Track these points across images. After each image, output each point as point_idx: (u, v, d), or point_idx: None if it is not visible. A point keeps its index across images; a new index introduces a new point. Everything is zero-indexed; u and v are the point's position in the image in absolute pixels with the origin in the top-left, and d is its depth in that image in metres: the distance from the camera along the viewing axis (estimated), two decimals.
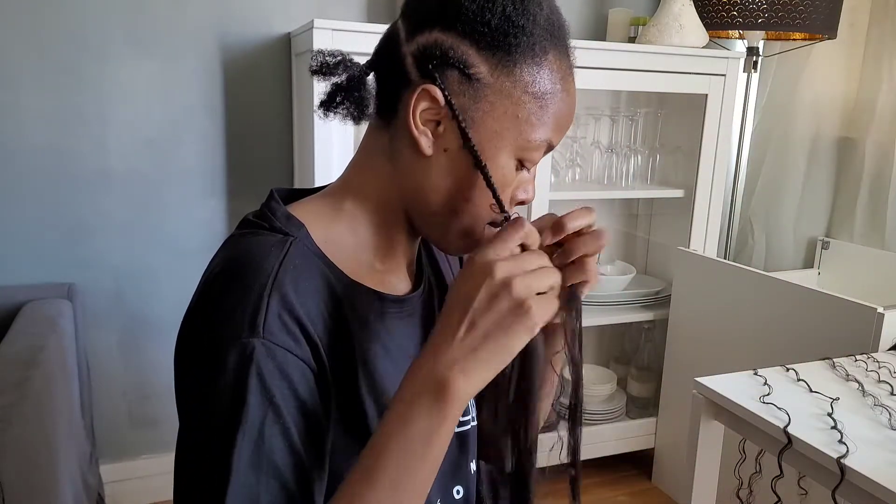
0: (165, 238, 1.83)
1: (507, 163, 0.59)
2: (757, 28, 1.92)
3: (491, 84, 0.56)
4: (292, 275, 0.56)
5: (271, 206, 0.62)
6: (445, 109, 0.57)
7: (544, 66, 0.57)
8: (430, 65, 0.56)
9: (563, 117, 0.60)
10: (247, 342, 0.51)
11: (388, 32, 0.62)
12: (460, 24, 0.56)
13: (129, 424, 1.88)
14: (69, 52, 1.67)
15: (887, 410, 1.03)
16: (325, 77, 0.63)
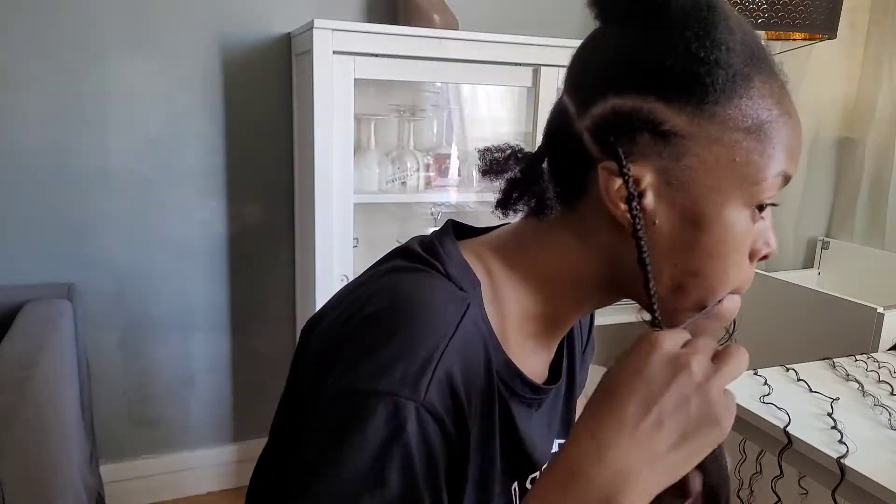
0: (165, 238, 1.83)
1: (738, 217, 0.50)
2: (757, 28, 1.91)
3: (693, 135, 0.49)
4: (463, 345, 0.50)
5: (445, 245, 0.56)
6: (647, 179, 0.50)
7: (751, 96, 0.49)
8: (610, 137, 0.49)
9: (792, 142, 0.51)
10: (404, 403, 0.45)
11: (556, 111, 0.55)
12: (637, 81, 0.49)
13: (128, 424, 1.88)
14: (69, 52, 1.67)
15: (887, 410, 1.03)
16: (497, 176, 0.57)
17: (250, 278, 1.92)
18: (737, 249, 0.51)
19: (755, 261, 0.54)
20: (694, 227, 0.50)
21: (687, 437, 0.41)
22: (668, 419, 0.41)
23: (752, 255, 0.53)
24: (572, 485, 0.41)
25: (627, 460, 0.40)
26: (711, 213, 0.50)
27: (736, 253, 0.51)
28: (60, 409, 1.35)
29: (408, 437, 0.45)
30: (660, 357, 0.43)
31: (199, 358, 1.91)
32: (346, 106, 1.58)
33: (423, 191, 1.84)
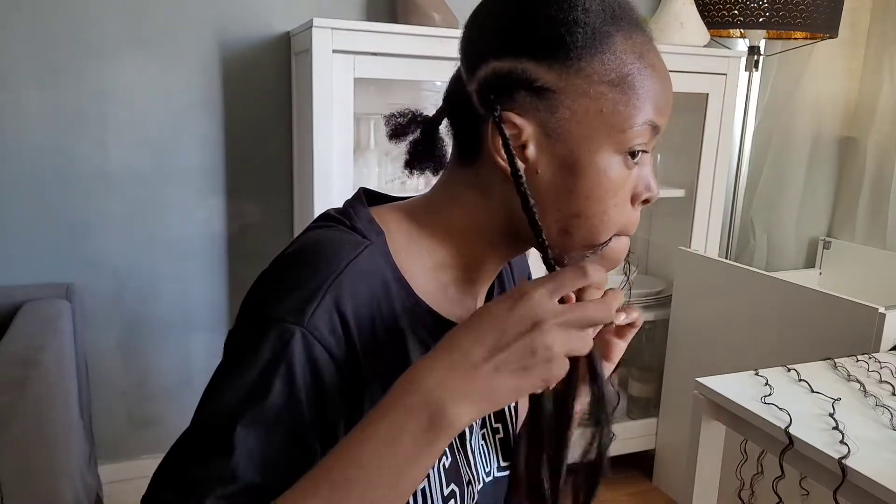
0: (165, 238, 1.82)
1: (610, 162, 0.56)
2: (758, 27, 1.91)
3: (563, 88, 0.54)
4: (355, 279, 0.55)
5: (356, 206, 0.62)
6: (528, 131, 0.55)
7: (613, 51, 0.54)
8: (492, 95, 0.55)
9: (656, 93, 0.56)
10: (289, 327, 0.52)
11: (453, 77, 0.62)
12: (512, 44, 0.55)
13: (127, 425, 1.88)
14: (69, 52, 1.67)
15: (889, 411, 1.03)
16: (402, 138, 0.64)
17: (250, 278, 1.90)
18: (613, 192, 0.56)
19: (637, 204, 0.60)
20: (571, 173, 0.55)
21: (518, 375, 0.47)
22: (506, 359, 0.47)
23: (634, 198, 0.59)
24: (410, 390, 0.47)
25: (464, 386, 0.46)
26: (585, 160, 0.55)
27: (613, 196, 0.56)
28: (59, 410, 1.34)
29: (292, 358, 0.51)
30: (520, 302, 0.48)
31: (198, 358, 1.91)
32: (346, 105, 1.58)
33: (423, 190, 1.83)
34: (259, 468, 0.49)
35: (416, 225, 0.63)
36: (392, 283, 0.59)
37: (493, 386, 0.47)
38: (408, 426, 0.46)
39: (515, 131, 0.55)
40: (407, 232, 0.62)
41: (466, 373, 0.47)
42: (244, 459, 0.49)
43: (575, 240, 0.58)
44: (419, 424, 0.46)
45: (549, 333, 0.47)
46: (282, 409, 0.51)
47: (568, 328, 0.48)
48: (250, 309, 0.56)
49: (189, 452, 0.52)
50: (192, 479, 0.49)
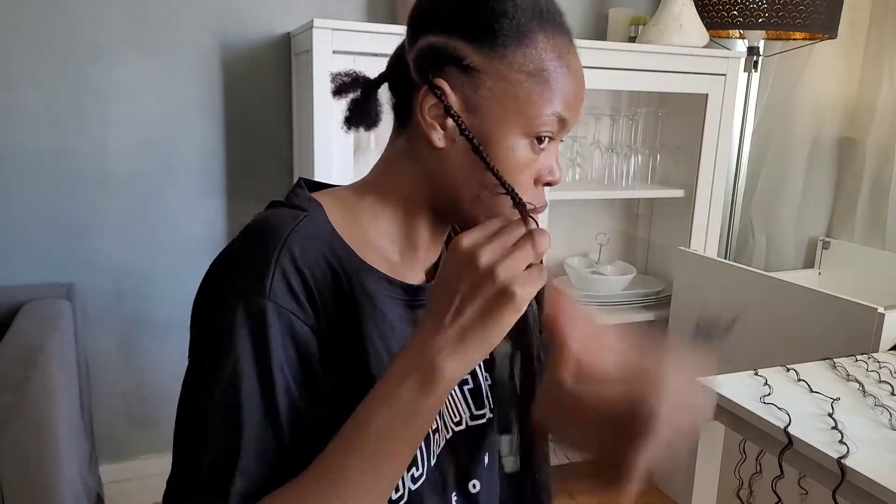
0: (165, 238, 1.83)
1: (518, 143, 0.61)
2: (757, 28, 1.91)
3: (486, 70, 0.59)
4: (301, 244, 0.58)
5: (295, 190, 0.66)
6: (452, 101, 0.60)
7: (534, 46, 0.60)
8: (426, 65, 0.60)
9: (567, 90, 0.61)
10: (253, 301, 0.55)
11: (398, 46, 0.67)
12: (449, 23, 0.60)
13: (128, 425, 1.88)
14: (69, 52, 1.67)
15: (888, 411, 1.03)
16: (344, 96, 0.67)
17: None
18: (519, 171, 0.62)
19: (540, 185, 0.65)
20: (484, 147, 0.60)
21: (484, 316, 0.50)
22: (466, 306, 0.50)
23: (538, 180, 0.64)
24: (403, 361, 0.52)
25: (441, 343, 0.50)
26: (497, 137, 0.60)
27: (518, 174, 0.62)
28: (60, 410, 1.35)
29: (263, 329, 0.54)
30: (456, 256, 0.51)
31: None
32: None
33: None
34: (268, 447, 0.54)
35: (355, 198, 0.68)
36: (337, 248, 0.62)
37: (470, 336, 0.50)
38: (404, 386, 0.51)
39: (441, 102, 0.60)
40: (346, 205, 0.67)
41: (442, 331, 0.51)
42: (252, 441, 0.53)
43: (484, 208, 0.63)
44: (414, 381, 0.51)
45: (484, 259, 0.50)
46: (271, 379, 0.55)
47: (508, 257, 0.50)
48: (211, 295, 0.59)
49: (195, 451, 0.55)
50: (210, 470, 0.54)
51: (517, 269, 0.50)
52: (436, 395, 0.51)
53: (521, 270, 0.50)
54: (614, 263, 2.20)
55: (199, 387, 0.57)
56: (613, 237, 2.29)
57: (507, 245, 0.51)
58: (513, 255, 0.50)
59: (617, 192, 2.05)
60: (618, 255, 2.29)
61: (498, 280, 0.49)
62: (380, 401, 0.52)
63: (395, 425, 0.51)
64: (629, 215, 2.33)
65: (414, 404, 0.51)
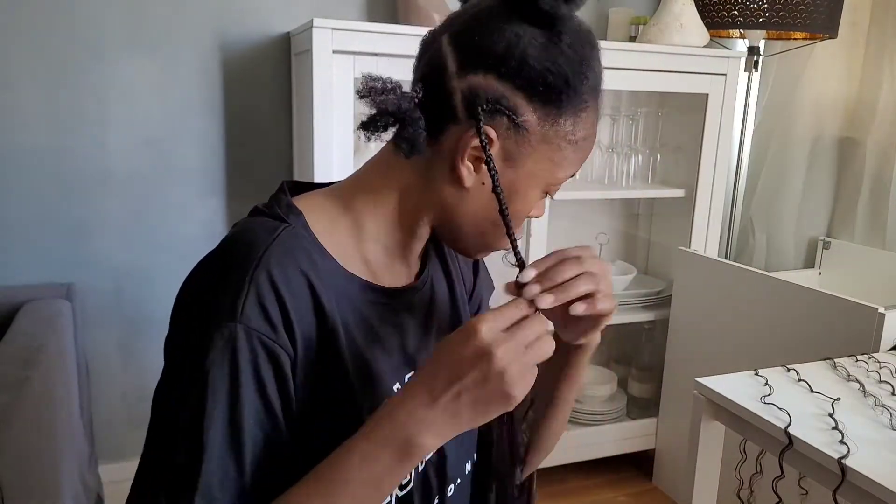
0: (165, 238, 1.82)
1: (535, 195, 0.64)
2: (758, 27, 1.91)
3: (537, 132, 0.60)
4: (278, 259, 0.58)
5: (277, 196, 0.66)
6: (495, 150, 0.60)
7: (584, 118, 0.62)
8: (480, 108, 0.59)
9: (587, 154, 0.65)
10: (224, 325, 0.54)
11: (434, 58, 0.62)
12: (519, 77, 0.58)
13: (128, 425, 1.88)
14: (69, 52, 1.67)
15: (888, 411, 1.03)
16: (372, 103, 0.62)
17: None
18: (524, 215, 0.66)
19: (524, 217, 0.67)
20: (507, 195, 0.62)
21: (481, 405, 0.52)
22: (465, 393, 0.52)
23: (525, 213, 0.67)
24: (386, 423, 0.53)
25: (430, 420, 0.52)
26: (523, 190, 0.63)
27: (522, 218, 0.66)
28: (59, 410, 1.34)
29: (234, 354, 0.54)
30: (472, 343, 0.52)
31: None
32: (346, 105, 1.58)
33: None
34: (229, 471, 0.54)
35: (341, 201, 0.67)
36: (317, 257, 0.62)
37: (456, 416, 0.53)
38: (383, 453, 0.53)
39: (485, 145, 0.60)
40: (331, 209, 0.66)
41: (429, 406, 0.52)
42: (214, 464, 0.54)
43: (483, 241, 0.67)
44: (392, 451, 0.53)
45: (499, 361, 0.51)
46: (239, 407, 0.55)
47: (520, 357, 0.52)
48: (186, 314, 0.59)
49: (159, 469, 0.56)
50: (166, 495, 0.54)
51: (523, 376, 0.52)
52: (411, 465, 0.54)
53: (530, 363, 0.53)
54: (614, 263, 2.20)
55: (169, 403, 0.58)
56: (613, 237, 2.29)
57: (522, 344, 0.53)
58: (524, 359, 0.53)
59: (617, 192, 2.05)
60: (618, 255, 2.29)
61: (504, 381, 0.51)
62: (357, 459, 0.53)
63: (367, 486, 0.53)
64: (629, 215, 2.33)
65: (389, 471, 0.53)
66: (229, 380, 0.54)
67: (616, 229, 2.31)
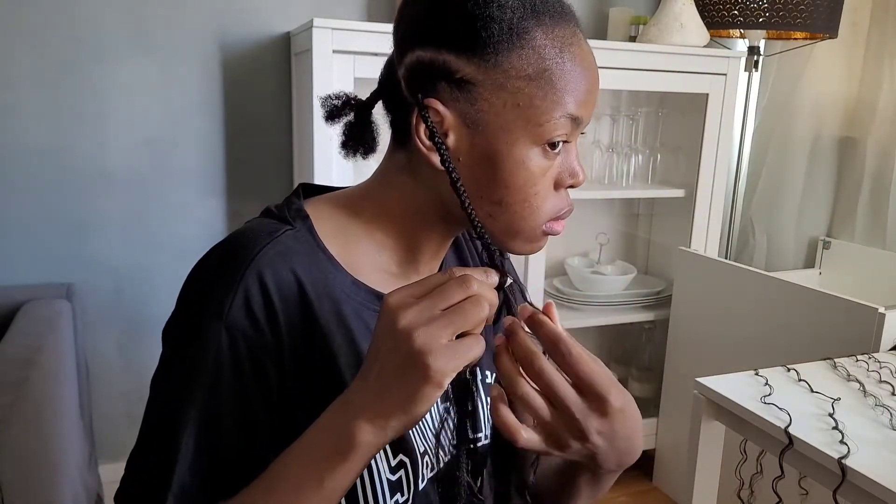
0: (165, 238, 1.82)
1: (528, 153, 0.57)
2: (758, 27, 1.91)
3: (481, 81, 0.55)
4: (273, 261, 0.56)
5: (290, 199, 0.64)
6: (449, 120, 0.56)
7: (531, 45, 0.55)
8: (418, 84, 0.57)
9: (576, 86, 0.56)
10: (209, 324, 0.54)
11: (387, 61, 0.62)
12: (435, 35, 0.56)
13: (128, 425, 1.88)
14: (69, 52, 1.67)
15: (888, 411, 1.03)
16: (337, 120, 0.64)
17: None
18: (532, 181, 0.58)
19: (562, 189, 0.61)
20: (491, 162, 0.57)
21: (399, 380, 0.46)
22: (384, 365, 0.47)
23: (558, 184, 0.60)
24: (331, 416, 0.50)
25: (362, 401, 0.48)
26: (503, 151, 0.56)
27: (532, 185, 0.58)
28: (59, 410, 1.34)
29: (218, 354, 0.53)
30: (382, 312, 0.48)
31: None
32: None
33: None
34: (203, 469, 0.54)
35: (350, 210, 0.65)
36: (323, 262, 0.60)
37: (384, 394, 0.47)
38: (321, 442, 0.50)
39: (438, 119, 0.57)
40: (341, 215, 0.64)
41: (359, 388, 0.49)
42: (187, 464, 0.53)
43: (500, 224, 0.59)
44: (329, 440, 0.49)
45: (405, 324, 0.46)
46: (217, 406, 0.54)
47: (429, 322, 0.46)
48: (179, 310, 0.58)
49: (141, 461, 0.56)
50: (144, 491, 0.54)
51: (437, 339, 0.45)
52: (351, 460, 0.48)
53: (443, 340, 0.46)
54: (614, 263, 2.20)
55: (155, 395, 0.58)
56: (614, 237, 2.29)
57: (436, 310, 0.46)
58: (437, 321, 0.46)
59: (617, 191, 2.04)
60: (618, 255, 2.29)
61: (414, 347, 0.45)
62: (302, 448, 0.50)
63: (309, 482, 0.49)
64: (629, 215, 2.33)
65: (329, 465, 0.48)
66: (210, 378, 0.53)
67: (616, 229, 2.31)
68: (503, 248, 0.62)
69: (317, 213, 0.63)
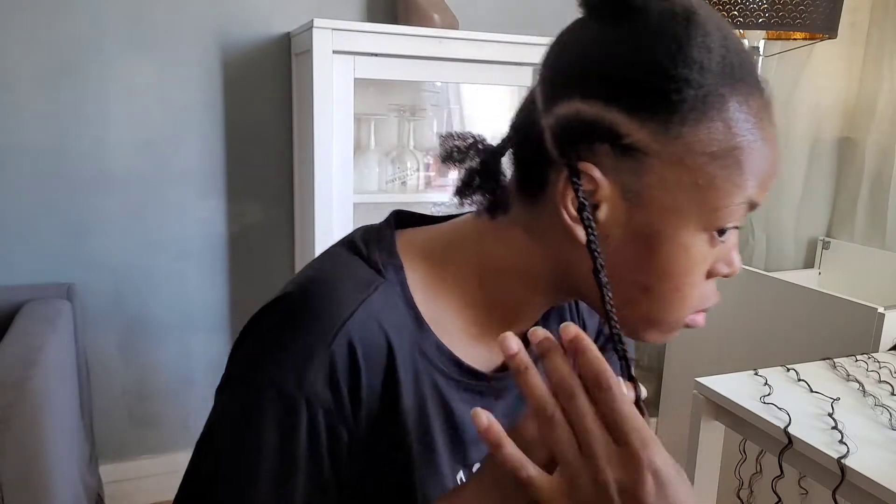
0: (165, 238, 1.83)
1: (695, 240, 0.49)
2: (757, 28, 1.91)
3: (657, 152, 0.46)
4: (365, 325, 0.51)
5: (381, 231, 0.57)
6: (605, 190, 0.48)
7: (723, 117, 0.46)
8: (571, 142, 0.48)
9: (763, 168, 0.48)
10: (288, 392, 0.49)
11: (526, 102, 0.53)
12: (604, 88, 0.46)
13: (128, 424, 1.88)
14: (69, 52, 1.67)
15: (888, 411, 1.03)
16: (457, 165, 0.54)
17: (250, 278, 1.92)
18: (691, 271, 0.50)
19: (713, 276, 0.53)
20: (647, 245, 0.49)
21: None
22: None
23: (711, 273, 0.52)
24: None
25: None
26: (667, 234, 0.48)
27: (690, 274, 0.50)
28: (60, 410, 1.34)
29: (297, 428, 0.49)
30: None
31: (198, 358, 1.91)
32: (346, 105, 1.58)
33: (423, 190, 1.84)
34: None
35: (442, 256, 0.57)
36: (411, 321, 0.54)
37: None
38: None
39: (591, 187, 0.48)
40: (430, 265, 0.56)
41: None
42: None
43: (639, 313, 0.52)
44: None
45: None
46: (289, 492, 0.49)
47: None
48: (245, 365, 0.52)
49: None
50: None
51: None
52: None
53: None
54: None
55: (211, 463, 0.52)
56: None
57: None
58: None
59: None
60: None
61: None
62: None
63: None
64: None
65: None
66: (283, 453, 0.49)
67: None
68: (632, 335, 0.54)
69: (410, 262, 0.56)
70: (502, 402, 0.59)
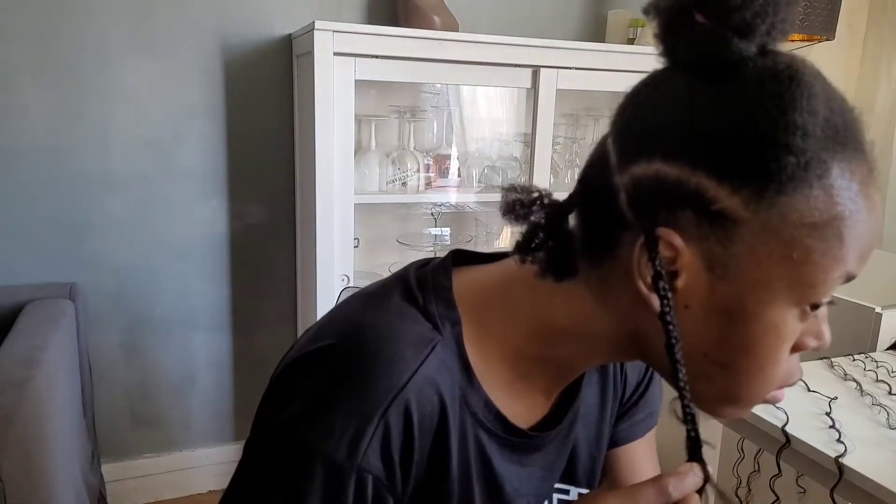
0: (167, 238, 1.83)
1: (785, 316, 0.44)
2: None
3: (747, 221, 0.41)
4: (423, 390, 0.47)
5: (437, 279, 0.53)
6: (685, 258, 0.43)
7: (824, 186, 0.41)
8: (649, 205, 0.43)
9: (865, 240, 0.43)
10: (338, 464, 0.45)
11: (596, 155, 0.48)
12: (691, 149, 0.42)
13: (130, 424, 1.89)
14: (71, 53, 1.67)
15: (885, 410, 1.03)
16: (518, 220, 0.49)
17: (251, 278, 1.92)
18: (777, 349, 0.45)
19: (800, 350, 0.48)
20: (731, 320, 0.44)
21: None
22: None
23: (797, 347, 0.47)
24: None
25: None
26: (754, 310, 0.43)
27: (776, 352, 0.45)
28: (62, 409, 1.35)
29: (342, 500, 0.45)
30: None
31: (200, 357, 1.92)
32: (347, 107, 1.59)
33: (424, 191, 1.85)
34: None
35: (494, 305, 0.53)
36: (464, 378, 0.51)
37: None
38: None
39: (670, 254, 0.43)
40: (484, 313, 0.53)
41: None
42: None
43: (714, 389, 0.47)
44: None
45: None
46: None
47: None
48: (288, 427, 0.47)
49: None
50: None
51: None
52: None
53: None
54: None
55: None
56: None
57: None
58: None
59: None
60: None
61: None
62: None
63: None
64: None
65: None
66: None
67: None
68: (707, 411, 0.49)
69: (464, 312, 0.52)
70: (539, 455, 0.57)
